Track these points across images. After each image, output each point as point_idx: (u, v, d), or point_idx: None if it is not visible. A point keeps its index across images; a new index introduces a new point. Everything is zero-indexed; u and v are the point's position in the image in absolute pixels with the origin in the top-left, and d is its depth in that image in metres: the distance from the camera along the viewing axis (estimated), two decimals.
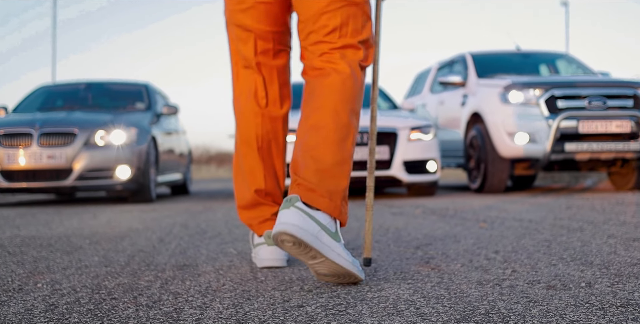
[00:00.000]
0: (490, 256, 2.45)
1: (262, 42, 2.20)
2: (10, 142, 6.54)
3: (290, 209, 1.83)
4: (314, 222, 1.83)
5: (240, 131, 2.29)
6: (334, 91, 1.99)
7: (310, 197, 1.87)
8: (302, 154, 1.95)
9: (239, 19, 2.18)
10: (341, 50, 2.04)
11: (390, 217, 4.36)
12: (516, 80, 7.24)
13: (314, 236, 1.81)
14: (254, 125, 2.25)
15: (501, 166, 7.22)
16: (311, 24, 2.06)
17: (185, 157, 9.39)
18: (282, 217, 1.83)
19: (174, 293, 1.87)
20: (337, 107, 1.97)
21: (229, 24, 2.25)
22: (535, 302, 1.63)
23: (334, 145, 1.94)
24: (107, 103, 8.25)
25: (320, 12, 2.03)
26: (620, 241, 2.82)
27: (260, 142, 2.26)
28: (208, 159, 35.65)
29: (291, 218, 1.81)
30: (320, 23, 2.04)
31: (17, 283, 2.07)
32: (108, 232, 3.70)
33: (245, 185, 2.30)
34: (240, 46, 2.23)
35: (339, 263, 1.83)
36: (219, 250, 2.82)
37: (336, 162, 1.93)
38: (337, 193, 1.91)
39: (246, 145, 2.28)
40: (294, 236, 1.78)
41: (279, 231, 1.80)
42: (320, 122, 1.96)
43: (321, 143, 1.94)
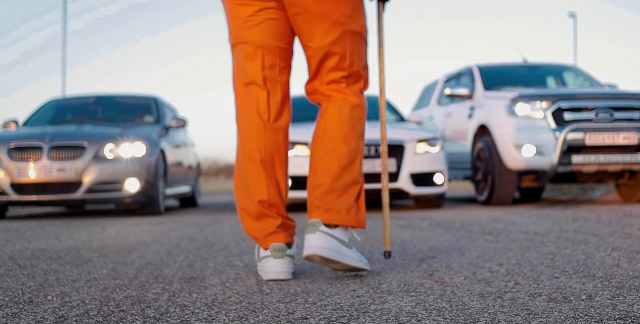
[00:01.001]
0: (494, 269, 2.47)
1: (269, 56, 2.32)
2: (21, 156, 6.61)
3: (315, 234, 2.22)
4: (335, 240, 2.23)
5: (243, 145, 2.36)
6: (345, 121, 2.29)
7: (330, 216, 2.24)
8: (319, 178, 2.28)
9: (247, 35, 2.30)
10: (347, 79, 2.33)
11: (397, 229, 4.38)
12: (523, 92, 7.27)
13: (337, 251, 2.22)
14: (257, 138, 2.33)
15: (508, 178, 7.24)
16: (321, 52, 2.29)
17: (193, 169, 9.45)
18: (310, 241, 2.22)
19: (180, 305, 1.91)
20: (348, 135, 2.29)
21: (236, 44, 2.36)
22: (535, 314, 1.65)
23: (346, 168, 2.27)
24: (116, 116, 8.32)
25: (331, 42, 2.27)
26: (624, 253, 2.84)
27: (264, 155, 2.33)
28: (217, 172, 35.75)
29: (318, 242, 2.20)
30: (330, 52, 2.28)
31: (28, 295, 2.11)
32: (117, 245, 3.74)
33: (248, 197, 2.36)
34: (246, 63, 2.33)
35: (352, 264, 2.26)
36: (226, 263, 2.86)
37: (349, 183, 2.28)
38: (351, 207, 2.27)
39: (249, 158, 2.35)
40: (322, 257, 2.20)
41: (311, 254, 2.20)
42: (334, 150, 2.28)
43: (335, 168, 2.27)
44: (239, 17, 2.31)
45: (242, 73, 2.35)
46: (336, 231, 2.24)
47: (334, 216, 2.23)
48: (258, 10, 2.28)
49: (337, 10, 2.26)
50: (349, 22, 2.28)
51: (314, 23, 2.27)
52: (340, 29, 2.26)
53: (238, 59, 2.37)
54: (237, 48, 2.36)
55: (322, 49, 2.29)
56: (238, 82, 2.39)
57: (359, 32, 2.30)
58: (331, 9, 2.25)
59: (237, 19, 2.32)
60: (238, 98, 2.40)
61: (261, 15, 2.28)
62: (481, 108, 7.87)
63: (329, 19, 2.26)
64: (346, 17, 2.28)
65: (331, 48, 2.28)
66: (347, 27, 2.28)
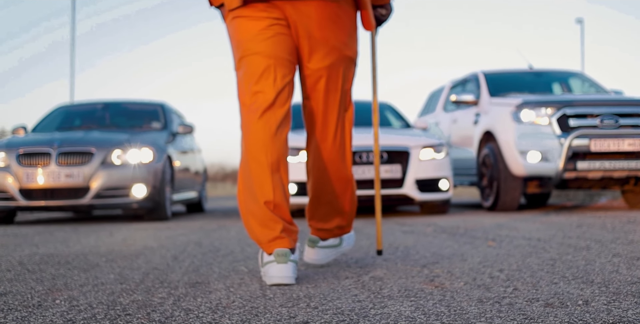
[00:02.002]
0: (494, 275, 2.51)
1: (280, 68, 2.45)
2: (30, 162, 6.68)
3: (314, 249, 2.78)
4: (330, 249, 2.80)
5: (249, 149, 2.44)
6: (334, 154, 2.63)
7: (326, 235, 2.78)
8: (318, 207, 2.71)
9: (260, 47, 2.43)
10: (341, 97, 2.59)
11: (401, 235, 4.42)
12: (528, 99, 7.30)
13: (329, 257, 2.82)
14: (264, 143, 2.41)
15: (513, 184, 7.27)
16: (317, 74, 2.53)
17: (200, 175, 9.51)
18: (309, 253, 2.79)
19: (185, 309, 1.95)
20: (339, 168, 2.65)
21: (247, 56, 2.46)
22: (531, 319, 1.69)
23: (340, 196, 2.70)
24: (124, 122, 8.39)
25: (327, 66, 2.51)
26: (624, 259, 2.87)
27: (271, 158, 2.42)
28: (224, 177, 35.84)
29: (317, 255, 2.78)
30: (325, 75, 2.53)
31: (37, 299, 2.16)
32: (124, 250, 3.79)
33: (254, 200, 2.43)
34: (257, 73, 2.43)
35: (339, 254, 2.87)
36: (231, 268, 2.90)
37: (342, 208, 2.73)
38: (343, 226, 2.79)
39: (256, 161, 2.43)
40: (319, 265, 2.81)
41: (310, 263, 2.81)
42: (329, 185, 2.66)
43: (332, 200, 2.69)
44: (250, 31, 2.44)
45: (252, 82, 2.44)
46: (329, 240, 2.79)
47: (328, 234, 2.78)
48: (269, 25, 2.43)
49: (336, 37, 2.49)
50: (345, 48, 2.52)
51: (315, 47, 2.48)
52: (337, 54, 2.50)
53: (248, 68, 2.45)
54: (247, 59, 2.46)
55: (318, 71, 2.52)
56: (245, 91, 2.47)
57: (351, 58, 2.57)
58: (331, 36, 2.47)
59: (248, 32, 2.44)
60: (244, 107, 2.48)
61: (273, 29, 2.43)
62: (486, 114, 7.90)
63: (328, 45, 2.48)
64: (343, 44, 2.51)
65: (327, 71, 2.52)
66: (343, 52, 2.52)
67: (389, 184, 6.74)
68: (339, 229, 2.78)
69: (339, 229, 2.78)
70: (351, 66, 2.59)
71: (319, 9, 2.43)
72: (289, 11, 2.43)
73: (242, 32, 2.45)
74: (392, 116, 8.66)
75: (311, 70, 2.53)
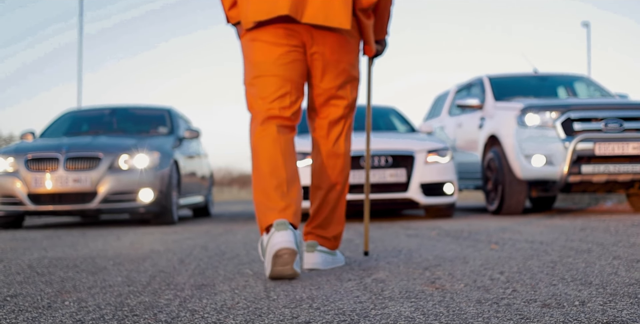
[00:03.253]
0: (495, 277, 2.55)
1: (295, 91, 2.75)
2: (38, 167, 6.75)
3: (314, 254, 2.92)
4: (327, 255, 2.96)
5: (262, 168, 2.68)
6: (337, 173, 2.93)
7: (323, 242, 2.98)
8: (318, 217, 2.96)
9: (280, 71, 2.70)
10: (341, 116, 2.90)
11: (405, 239, 4.46)
12: (532, 103, 7.34)
13: (328, 262, 2.96)
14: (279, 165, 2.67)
15: (518, 187, 7.31)
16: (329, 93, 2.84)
17: (206, 180, 9.57)
18: (309, 258, 2.92)
19: (191, 310, 2.00)
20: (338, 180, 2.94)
21: (263, 76, 2.71)
22: (527, 319, 1.73)
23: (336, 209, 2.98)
24: (131, 128, 8.46)
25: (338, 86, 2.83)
26: (624, 262, 2.91)
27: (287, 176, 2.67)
28: (230, 181, 35.92)
29: (315, 259, 2.92)
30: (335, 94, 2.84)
31: (46, 301, 2.22)
32: (131, 254, 3.85)
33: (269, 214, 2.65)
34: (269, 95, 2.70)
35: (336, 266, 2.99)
36: (236, 271, 2.95)
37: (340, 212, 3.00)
38: (337, 237, 3.03)
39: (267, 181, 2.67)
40: (318, 269, 2.89)
41: (310, 268, 2.90)
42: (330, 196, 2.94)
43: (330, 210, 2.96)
44: (271, 55, 2.70)
45: (267, 100, 2.70)
46: (325, 248, 2.98)
47: (326, 242, 2.98)
48: (288, 51, 2.71)
49: (346, 59, 2.81)
50: (352, 69, 2.85)
51: (327, 68, 2.79)
52: (346, 75, 2.83)
53: (264, 87, 2.71)
54: (264, 79, 2.71)
55: (330, 91, 2.84)
56: (259, 108, 2.72)
57: (357, 77, 2.91)
58: (342, 58, 2.79)
59: (269, 56, 2.70)
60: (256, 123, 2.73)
61: (291, 56, 2.71)
62: (491, 118, 7.94)
63: (340, 67, 2.80)
64: (351, 66, 2.84)
65: (337, 91, 2.84)
66: (350, 73, 2.85)
67: (393, 188, 6.78)
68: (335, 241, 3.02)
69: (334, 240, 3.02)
70: (356, 84, 2.92)
71: (333, 36, 2.75)
72: (307, 37, 2.73)
73: (262, 55, 2.70)
74: (397, 120, 8.71)
75: (323, 90, 2.83)
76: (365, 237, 3.36)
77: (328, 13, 2.68)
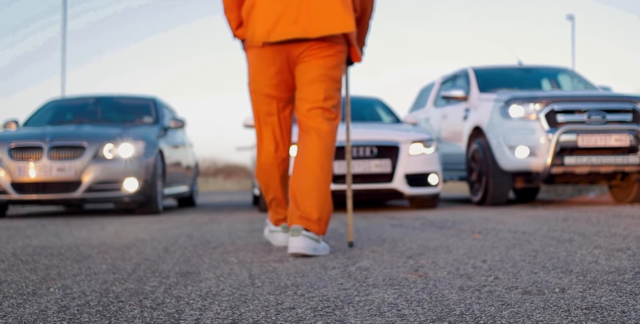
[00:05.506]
0: (477, 265, 2.58)
1: (281, 103, 3.31)
2: (21, 155, 6.72)
3: (299, 237, 2.98)
4: (312, 241, 3.00)
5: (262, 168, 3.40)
6: (319, 148, 3.11)
7: (308, 225, 3.02)
8: (300, 195, 3.05)
9: (267, 91, 3.26)
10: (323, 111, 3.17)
11: (389, 228, 4.49)
12: (516, 94, 7.38)
13: (312, 248, 3.00)
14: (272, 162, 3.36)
15: (502, 179, 7.36)
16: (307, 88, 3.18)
17: (192, 169, 9.56)
18: (294, 242, 2.98)
19: (176, 296, 2.01)
20: (322, 160, 3.11)
21: (256, 92, 3.30)
22: (508, 305, 1.76)
23: (321, 188, 3.07)
24: (115, 117, 8.42)
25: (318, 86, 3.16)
26: (604, 251, 2.95)
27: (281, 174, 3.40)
28: (215, 172, 35.86)
29: (300, 243, 2.97)
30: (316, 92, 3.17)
31: (31, 288, 2.22)
32: (115, 242, 3.85)
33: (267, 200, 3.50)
34: (264, 108, 3.30)
35: (320, 254, 3.05)
36: (221, 259, 2.97)
37: (323, 198, 3.07)
38: (323, 219, 3.06)
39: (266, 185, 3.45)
40: (303, 254, 2.98)
41: (294, 253, 2.98)
42: (311, 172, 3.08)
43: (313, 187, 3.05)
44: (263, 76, 3.23)
45: (261, 113, 3.31)
46: (311, 233, 3.02)
47: (311, 225, 3.02)
48: (275, 73, 3.21)
49: (328, 63, 3.17)
50: (332, 72, 3.18)
51: (310, 68, 3.16)
52: (326, 74, 3.16)
53: (257, 103, 3.31)
54: (258, 94, 3.29)
55: (310, 85, 3.17)
56: (258, 119, 3.34)
57: (337, 79, 3.22)
58: (324, 62, 3.16)
59: (262, 77, 3.23)
60: (257, 131, 3.37)
61: (277, 77, 3.22)
62: (476, 110, 7.98)
63: (322, 67, 3.15)
64: (332, 68, 3.18)
65: (316, 85, 3.16)
66: (330, 74, 3.18)
67: (378, 179, 6.81)
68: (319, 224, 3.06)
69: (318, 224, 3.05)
70: (336, 87, 3.23)
71: (318, 46, 3.14)
72: (295, 51, 3.16)
73: (256, 76, 3.25)
74: (383, 111, 8.73)
75: (305, 85, 3.19)
76: (349, 227, 3.44)
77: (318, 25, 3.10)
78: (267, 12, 3.11)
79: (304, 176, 3.07)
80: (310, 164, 3.08)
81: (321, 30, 3.09)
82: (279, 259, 2.91)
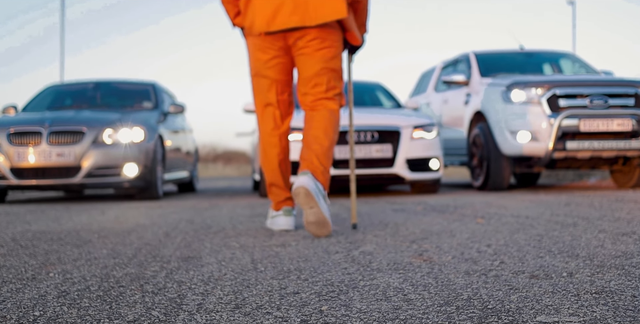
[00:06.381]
0: (482, 249, 2.55)
1: (280, 86, 3.46)
2: (20, 141, 6.67)
3: (306, 176, 3.12)
4: (317, 187, 3.13)
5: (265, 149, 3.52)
6: (325, 119, 3.36)
7: (315, 173, 3.21)
8: (309, 153, 3.28)
9: (267, 73, 3.42)
10: (326, 100, 3.40)
11: (391, 213, 4.46)
12: (518, 79, 7.33)
13: (316, 193, 3.07)
14: (273, 144, 3.49)
15: (503, 164, 7.32)
16: (312, 82, 3.38)
17: (191, 155, 9.52)
18: (300, 179, 3.09)
19: (178, 281, 1.98)
20: (327, 128, 3.35)
21: (256, 76, 3.46)
22: (516, 289, 1.73)
23: (326, 149, 3.30)
24: (115, 102, 8.37)
25: (318, 76, 3.36)
26: (609, 235, 2.92)
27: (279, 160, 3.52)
28: (215, 158, 35.82)
29: (306, 181, 3.08)
30: (317, 82, 3.38)
31: (31, 273, 2.19)
32: (116, 227, 3.82)
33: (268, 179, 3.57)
34: (264, 91, 3.45)
35: (324, 213, 3.07)
36: (223, 244, 2.94)
37: (327, 157, 3.30)
38: (326, 172, 3.28)
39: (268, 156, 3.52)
40: (307, 189, 3.03)
41: (299, 186, 3.04)
42: (319, 136, 3.32)
43: (319, 148, 3.29)
44: (260, 60, 3.41)
45: (262, 96, 3.47)
46: (318, 184, 3.16)
47: (318, 175, 3.22)
48: (273, 56, 3.39)
49: (326, 55, 3.35)
50: (331, 63, 3.37)
51: (309, 62, 3.35)
52: (325, 67, 3.36)
53: (258, 86, 3.47)
54: (257, 78, 3.45)
55: (312, 80, 3.38)
56: (259, 102, 3.50)
57: (337, 69, 3.41)
58: (322, 55, 3.34)
59: (259, 61, 3.41)
60: (258, 114, 3.52)
61: (275, 60, 3.39)
62: (477, 95, 7.93)
63: (321, 61, 3.34)
64: (330, 60, 3.37)
65: (318, 79, 3.37)
66: (329, 66, 3.37)
67: (379, 164, 6.77)
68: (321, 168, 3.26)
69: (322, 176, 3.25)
70: (337, 76, 3.42)
71: (313, 35, 3.31)
72: (291, 40, 3.34)
73: (255, 60, 3.43)
74: (383, 95, 8.68)
75: (306, 79, 3.40)
76: (352, 210, 3.52)
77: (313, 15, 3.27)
78: (265, 1, 3.29)
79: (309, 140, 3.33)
80: (316, 130, 3.33)
81: (318, 19, 3.26)
82: (281, 244, 2.88)
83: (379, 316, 1.48)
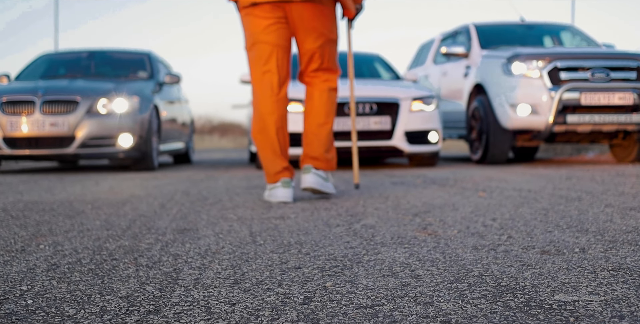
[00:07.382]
0: (488, 223, 2.47)
1: (280, 52, 3.46)
2: (13, 110, 6.55)
3: (310, 174, 3.52)
4: (320, 178, 3.55)
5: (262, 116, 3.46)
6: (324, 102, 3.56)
7: (317, 164, 3.56)
8: (312, 139, 3.55)
9: (267, 38, 3.42)
10: (324, 70, 3.57)
11: (391, 186, 4.38)
12: (519, 51, 7.21)
13: (321, 184, 3.55)
14: (271, 109, 3.44)
15: (503, 137, 7.23)
16: (310, 53, 3.51)
17: (187, 126, 9.40)
18: (306, 178, 3.52)
19: (173, 254, 1.90)
20: (329, 111, 3.57)
21: (256, 43, 3.44)
22: (528, 266, 1.65)
23: (329, 133, 3.58)
24: (109, 71, 8.23)
25: (317, 47, 3.49)
26: (617, 210, 2.85)
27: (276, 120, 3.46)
28: (211, 129, 35.67)
29: (311, 179, 3.52)
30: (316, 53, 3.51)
31: (20, 245, 2.11)
32: (110, 198, 3.73)
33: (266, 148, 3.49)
34: (265, 57, 3.43)
35: (328, 191, 3.60)
36: (220, 215, 2.86)
37: (329, 141, 3.57)
38: (332, 158, 3.59)
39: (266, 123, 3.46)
40: (314, 188, 3.54)
41: (307, 187, 3.52)
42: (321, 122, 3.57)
43: (323, 132, 3.55)
44: (259, 25, 3.41)
45: (261, 64, 3.44)
46: (320, 172, 3.57)
47: (320, 164, 3.56)
48: (273, 22, 3.41)
49: (323, 25, 3.47)
50: (329, 33, 3.51)
51: (307, 33, 3.46)
52: (323, 38, 3.49)
53: (258, 53, 3.44)
54: (256, 46, 3.44)
55: (310, 51, 3.51)
56: (256, 71, 3.47)
57: (334, 40, 3.56)
58: (319, 25, 3.46)
59: (258, 27, 3.41)
60: (255, 82, 3.49)
61: (275, 25, 3.42)
62: (477, 67, 7.81)
63: (317, 31, 3.46)
64: (327, 30, 3.49)
65: (316, 50, 3.50)
66: (327, 36, 3.50)
67: (378, 136, 6.68)
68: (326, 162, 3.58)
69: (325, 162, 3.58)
70: (334, 46, 3.57)
71: (309, 7, 3.40)
72: (288, 9, 3.40)
73: (254, 27, 3.42)
74: (382, 67, 8.55)
75: (306, 50, 3.52)
76: (354, 170, 3.90)
77: None
78: None
79: (311, 122, 3.56)
80: (317, 111, 3.56)
81: None
82: (279, 216, 2.80)
83: (387, 294, 1.40)
